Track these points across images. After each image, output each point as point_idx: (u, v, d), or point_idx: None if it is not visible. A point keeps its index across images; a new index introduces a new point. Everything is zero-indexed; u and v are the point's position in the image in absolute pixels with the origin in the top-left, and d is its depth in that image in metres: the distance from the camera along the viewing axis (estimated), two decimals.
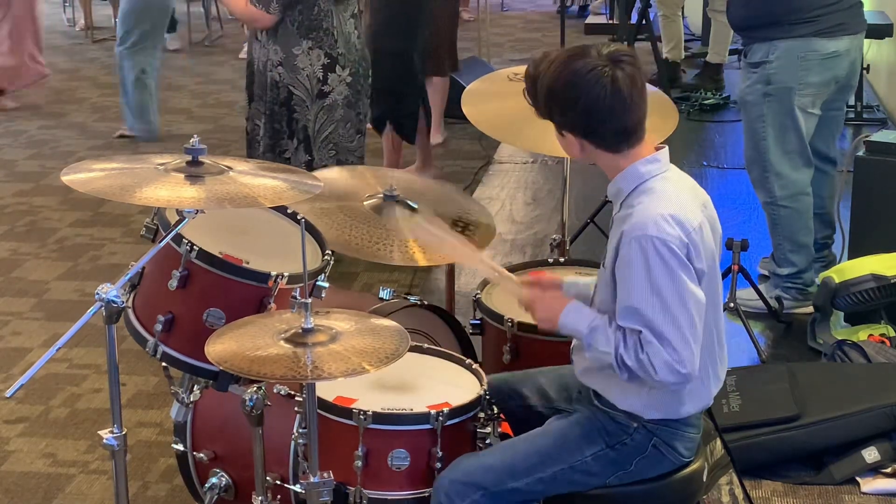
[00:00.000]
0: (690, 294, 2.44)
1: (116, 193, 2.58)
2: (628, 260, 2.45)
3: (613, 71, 2.45)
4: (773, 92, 4.42)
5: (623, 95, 2.45)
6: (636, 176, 2.53)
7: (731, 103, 7.74)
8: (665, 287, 2.42)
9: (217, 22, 10.85)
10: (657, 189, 2.52)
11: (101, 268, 5.37)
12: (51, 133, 7.64)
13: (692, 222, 2.48)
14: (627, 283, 2.46)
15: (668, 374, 2.43)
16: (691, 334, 2.44)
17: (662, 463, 2.62)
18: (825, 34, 4.36)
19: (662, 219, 2.44)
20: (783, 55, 4.38)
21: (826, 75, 4.42)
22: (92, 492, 3.62)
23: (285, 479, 2.84)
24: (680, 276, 2.43)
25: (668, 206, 2.48)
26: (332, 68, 4.88)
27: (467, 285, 4.71)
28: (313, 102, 4.88)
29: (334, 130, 4.95)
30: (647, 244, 2.43)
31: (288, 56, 4.86)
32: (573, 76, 2.46)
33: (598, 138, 2.52)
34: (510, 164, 6.80)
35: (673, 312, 2.42)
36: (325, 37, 4.86)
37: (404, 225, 3.15)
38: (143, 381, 4.27)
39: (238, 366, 2.42)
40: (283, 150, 4.95)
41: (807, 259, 4.63)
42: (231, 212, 2.96)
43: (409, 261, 3.15)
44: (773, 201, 4.56)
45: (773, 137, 4.47)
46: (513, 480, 2.58)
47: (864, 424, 3.61)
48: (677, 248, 2.43)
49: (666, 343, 2.42)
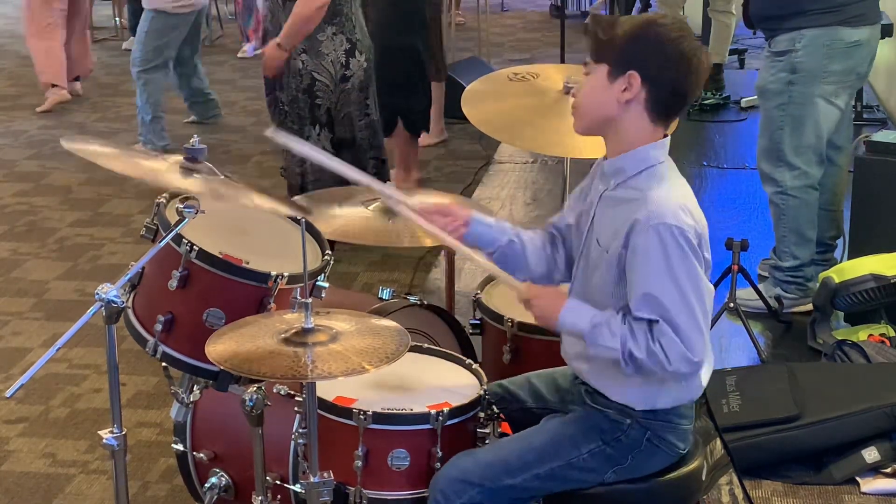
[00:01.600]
0: (704, 283, 2.46)
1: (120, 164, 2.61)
2: (644, 248, 2.45)
3: (705, 55, 2.51)
4: (798, 80, 4.47)
5: (699, 71, 2.50)
6: (644, 158, 2.53)
7: (731, 103, 7.76)
8: (683, 276, 2.43)
9: (217, 22, 10.85)
10: (668, 177, 2.53)
11: (101, 268, 5.37)
12: (51, 133, 7.64)
13: (701, 215, 2.51)
14: (644, 271, 2.45)
15: (682, 363, 2.43)
16: (704, 324, 2.46)
17: (658, 456, 2.62)
18: (849, 23, 4.44)
19: (680, 208, 2.46)
20: (809, 43, 4.43)
21: (849, 63, 4.48)
22: (92, 492, 3.62)
23: (285, 479, 2.84)
24: (694, 264, 2.44)
25: (682, 195, 2.50)
26: (353, 53, 4.97)
27: (467, 285, 4.71)
28: (336, 86, 4.93)
29: (350, 112, 5.03)
30: (665, 233, 2.43)
31: (312, 42, 4.89)
32: (661, 27, 2.49)
33: (660, 92, 2.50)
34: (510, 164, 6.81)
35: (690, 301, 2.43)
36: (346, 22, 4.93)
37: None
38: (143, 381, 4.27)
39: (238, 365, 2.42)
40: (306, 136, 4.99)
41: (809, 253, 4.65)
42: (231, 212, 2.96)
43: (417, 242, 3.23)
44: (782, 190, 4.58)
45: (789, 128, 4.51)
46: (508, 477, 2.58)
47: (864, 424, 3.61)
48: (693, 238, 2.45)
49: (681, 332, 2.42)
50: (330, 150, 5.00)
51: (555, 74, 3.68)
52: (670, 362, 2.43)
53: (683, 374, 2.48)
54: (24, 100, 8.43)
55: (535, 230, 2.78)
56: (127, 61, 9.75)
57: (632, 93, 2.50)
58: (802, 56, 4.45)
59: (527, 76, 3.69)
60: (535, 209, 6.06)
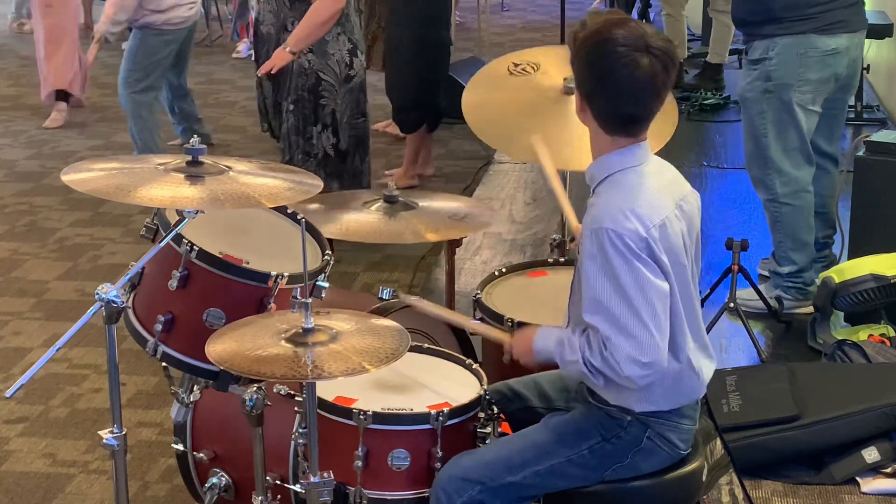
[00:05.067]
0: (651, 284, 2.44)
1: (116, 193, 2.58)
2: (589, 252, 2.48)
3: (642, 57, 2.43)
4: (773, 88, 4.43)
5: (638, 84, 2.45)
6: (607, 165, 2.55)
7: (731, 103, 7.75)
8: (623, 277, 2.43)
9: (217, 22, 10.85)
10: (622, 182, 2.52)
11: (101, 268, 5.37)
12: (51, 133, 7.64)
13: (653, 218, 2.47)
14: (589, 275, 2.48)
15: (633, 366, 2.43)
16: (654, 324, 2.44)
17: (658, 456, 2.62)
18: (824, 31, 4.38)
19: (620, 212, 2.46)
20: (783, 52, 4.39)
21: (825, 72, 4.43)
22: (92, 492, 3.62)
23: (285, 479, 2.85)
24: (637, 266, 2.44)
25: (627, 200, 2.48)
26: (355, 53, 5.04)
27: (467, 285, 4.71)
28: (341, 86, 4.96)
29: (351, 113, 5.06)
30: (602, 236, 2.45)
31: (319, 42, 4.92)
32: (604, 42, 2.45)
33: (603, 113, 2.52)
34: (510, 165, 6.80)
35: (633, 302, 2.43)
36: (347, 22, 4.98)
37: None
38: (143, 381, 4.27)
39: (238, 365, 2.42)
40: (309, 136, 5.03)
41: (808, 257, 4.63)
42: (231, 212, 2.96)
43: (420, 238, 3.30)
44: (774, 198, 4.57)
45: (773, 134, 4.48)
46: (510, 475, 2.59)
47: (864, 424, 3.61)
48: (632, 241, 2.44)
49: (627, 334, 2.43)
50: (331, 154, 5.03)
51: (556, 64, 3.62)
52: (621, 368, 2.43)
53: (639, 378, 2.45)
54: (24, 100, 8.43)
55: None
56: None
57: (580, 109, 2.55)
58: (776, 64, 4.40)
59: (527, 68, 3.67)
60: (535, 209, 6.06)
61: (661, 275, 2.47)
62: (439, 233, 3.46)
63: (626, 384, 2.49)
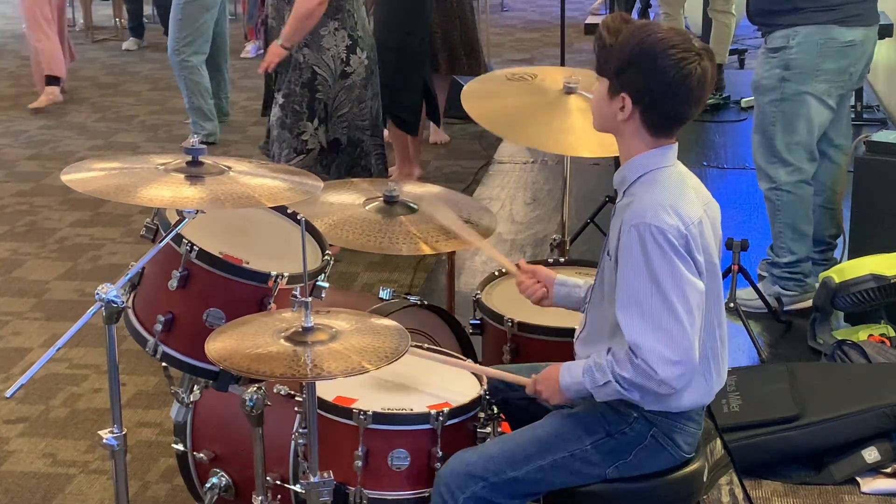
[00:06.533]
0: (688, 282, 2.46)
1: (116, 193, 2.58)
2: (627, 246, 2.48)
3: (703, 62, 2.48)
4: (791, 77, 4.48)
5: (700, 90, 2.50)
6: (641, 166, 2.56)
7: (731, 103, 7.75)
8: (661, 272, 2.44)
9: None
10: (659, 180, 2.54)
11: (101, 268, 5.37)
12: (51, 133, 7.64)
13: (691, 216, 2.50)
14: (625, 270, 2.48)
15: (666, 367, 2.43)
16: (688, 320, 2.44)
17: (662, 455, 2.62)
18: (843, 23, 4.45)
19: (661, 208, 2.47)
20: (803, 41, 4.45)
21: (842, 63, 4.48)
22: (92, 492, 3.62)
23: (285, 479, 2.84)
24: (677, 263, 2.45)
25: (668, 196, 2.50)
26: (354, 50, 4.97)
27: (467, 285, 4.71)
28: (336, 82, 4.94)
29: (350, 109, 5.01)
30: (644, 231, 2.45)
31: (314, 36, 4.90)
32: (669, 48, 2.47)
33: (654, 115, 2.53)
34: (510, 164, 6.80)
35: (668, 296, 2.44)
36: (348, 18, 4.94)
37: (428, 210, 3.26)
38: (143, 381, 4.27)
39: (238, 364, 2.42)
40: (300, 131, 4.98)
41: (806, 249, 4.66)
42: (231, 212, 2.96)
43: (415, 251, 3.21)
44: (776, 186, 4.59)
45: (781, 124, 4.52)
46: (512, 470, 2.59)
47: (864, 424, 3.61)
48: (674, 237, 2.45)
49: (658, 328, 2.43)
50: (325, 147, 5.00)
51: (554, 75, 3.67)
52: (655, 371, 2.43)
53: (675, 379, 2.45)
54: (24, 100, 8.43)
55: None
56: (127, 61, 9.84)
57: (626, 114, 2.54)
58: (796, 53, 4.46)
59: (525, 77, 3.69)
60: (535, 209, 6.06)
61: (696, 273, 2.49)
62: (437, 245, 3.28)
63: (664, 391, 2.49)
